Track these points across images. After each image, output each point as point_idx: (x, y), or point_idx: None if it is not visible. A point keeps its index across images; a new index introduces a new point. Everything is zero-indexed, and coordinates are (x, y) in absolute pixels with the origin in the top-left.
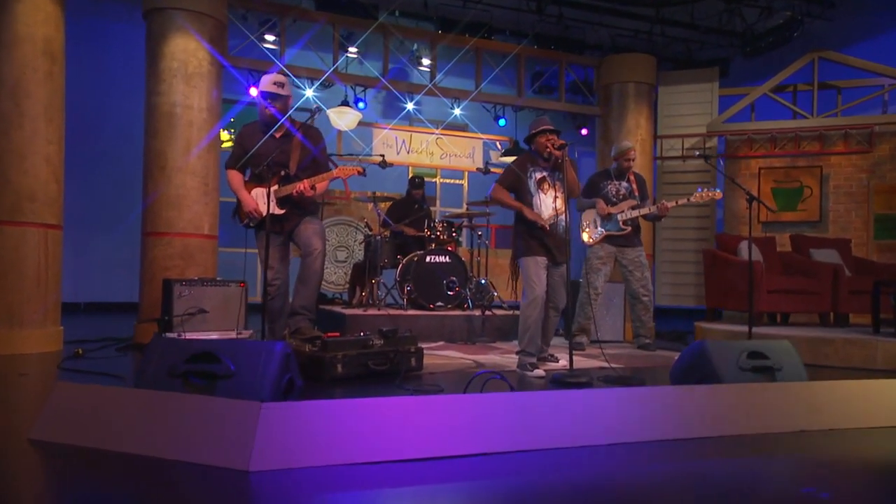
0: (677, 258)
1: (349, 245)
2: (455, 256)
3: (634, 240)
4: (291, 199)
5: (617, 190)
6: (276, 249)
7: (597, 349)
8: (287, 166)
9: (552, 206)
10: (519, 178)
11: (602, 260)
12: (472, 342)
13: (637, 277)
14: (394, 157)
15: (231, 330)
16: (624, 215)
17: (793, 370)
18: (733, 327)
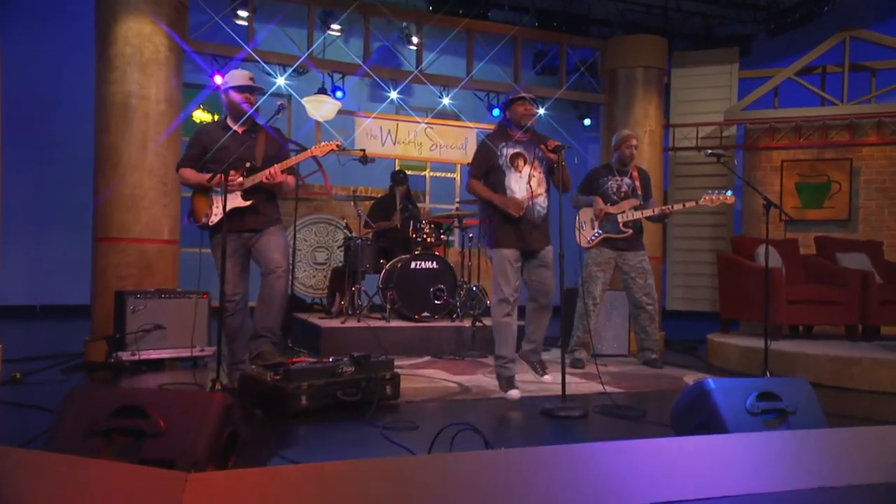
0: (690, 259)
1: (329, 245)
2: (443, 261)
3: (636, 243)
4: (258, 192)
5: (618, 186)
6: (236, 261)
7: (600, 365)
8: (253, 159)
9: (526, 188)
10: (488, 156)
11: (600, 266)
12: (460, 357)
13: (639, 285)
14: (378, 150)
15: (193, 347)
16: (624, 216)
17: (809, 413)
18: (748, 341)
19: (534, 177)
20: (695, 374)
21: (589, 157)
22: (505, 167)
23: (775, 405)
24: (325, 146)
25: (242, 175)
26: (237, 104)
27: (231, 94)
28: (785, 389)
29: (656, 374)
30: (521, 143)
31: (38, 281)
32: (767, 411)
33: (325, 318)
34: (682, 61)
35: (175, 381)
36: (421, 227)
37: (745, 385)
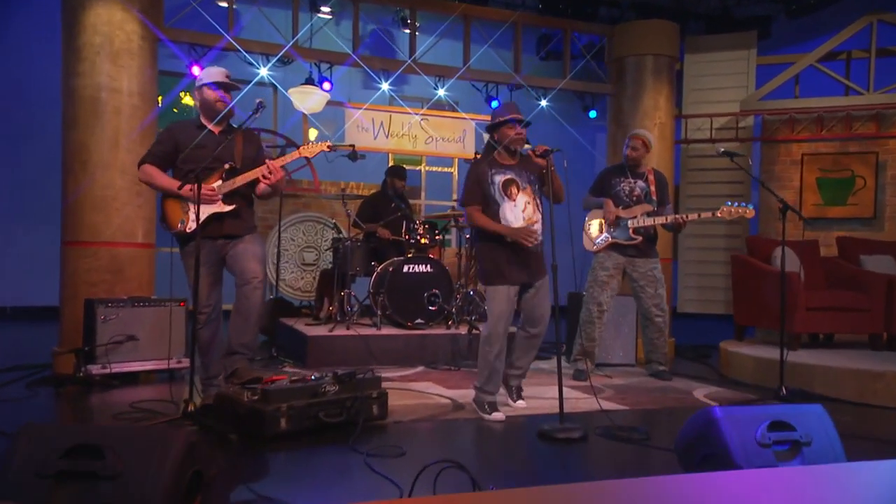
0: (704, 258)
1: (318, 245)
2: (438, 265)
3: (648, 250)
4: (238, 196)
5: (631, 189)
6: (209, 270)
7: (604, 377)
8: (232, 160)
9: (522, 216)
10: (481, 183)
11: (609, 272)
12: (455, 367)
13: (649, 294)
14: (370, 143)
15: (169, 359)
16: (635, 222)
17: (826, 444)
18: (763, 351)
19: (529, 204)
20: (706, 387)
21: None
22: (498, 196)
23: (788, 436)
24: (314, 147)
25: (222, 177)
26: (212, 103)
27: (205, 92)
28: (799, 418)
29: (664, 387)
30: (513, 168)
31: (7, 281)
32: (780, 442)
33: (312, 324)
34: (695, 46)
35: (148, 399)
36: (414, 228)
37: (754, 414)
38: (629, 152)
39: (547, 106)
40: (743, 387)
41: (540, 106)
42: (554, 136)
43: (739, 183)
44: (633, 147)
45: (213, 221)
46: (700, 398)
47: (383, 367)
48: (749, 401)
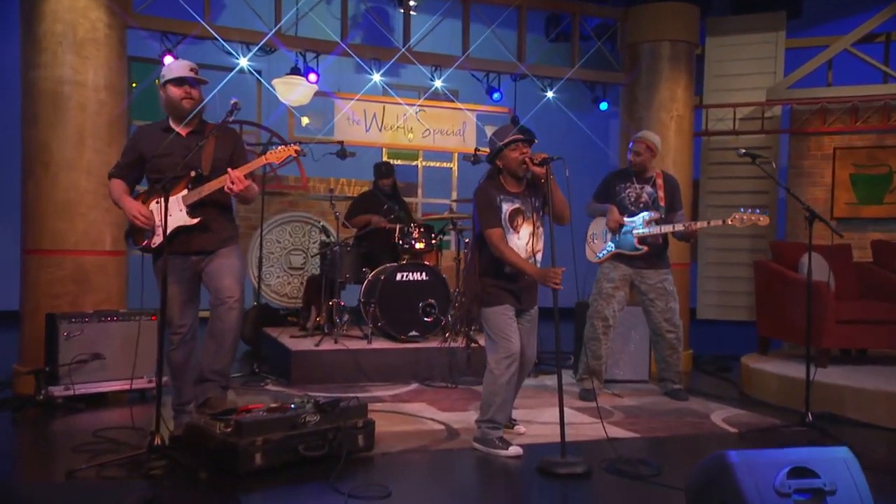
0: (726, 260)
1: (306, 248)
2: (434, 272)
3: (658, 261)
4: (208, 206)
5: (637, 196)
6: (182, 287)
7: (613, 396)
8: (199, 167)
9: (525, 248)
10: (494, 205)
11: (615, 284)
12: (453, 384)
13: (660, 308)
14: (361, 137)
15: (135, 378)
16: (641, 231)
17: (853, 493)
18: (788, 368)
19: (532, 234)
20: (725, 409)
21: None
22: (505, 228)
23: (810, 483)
24: (281, 152)
25: (187, 186)
26: (176, 102)
27: (169, 90)
28: (823, 463)
29: (679, 409)
30: (520, 197)
31: None
32: (801, 491)
33: (298, 335)
34: (718, 29)
35: (113, 426)
36: (409, 232)
37: (774, 459)
38: (632, 157)
39: (554, 97)
40: (766, 408)
41: (546, 97)
42: (561, 131)
43: (765, 178)
44: (635, 152)
45: (180, 235)
46: (718, 423)
47: (374, 384)
48: (772, 428)
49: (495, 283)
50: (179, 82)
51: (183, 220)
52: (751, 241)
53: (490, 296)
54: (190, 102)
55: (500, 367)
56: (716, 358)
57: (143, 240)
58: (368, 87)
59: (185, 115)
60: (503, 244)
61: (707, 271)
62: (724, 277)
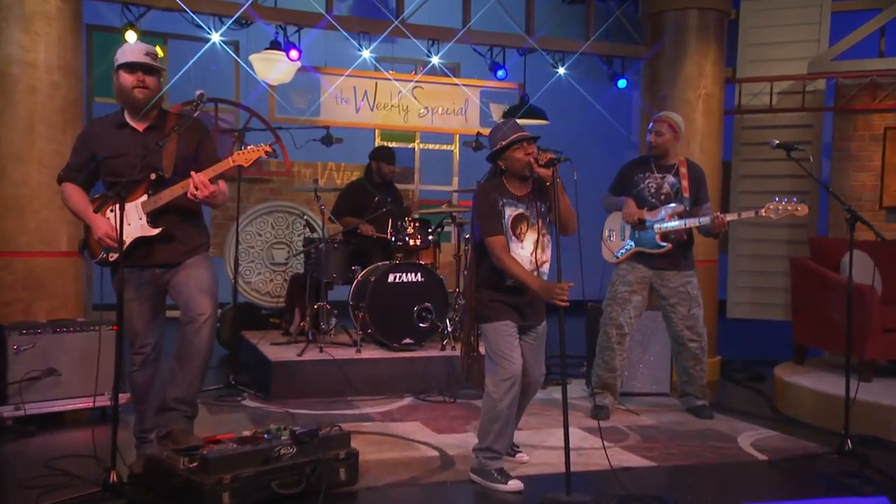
0: (760, 252)
1: (291, 240)
2: (430, 273)
3: (681, 260)
4: (171, 214)
5: (657, 186)
6: (144, 304)
7: (628, 412)
8: (159, 168)
9: (529, 259)
10: (496, 210)
11: (631, 287)
12: (451, 398)
13: (681, 315)
14: (351, 118)
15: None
16: (663, 226)
17: None
18: (827, 383)
19: (537, 243)
20: (754, 429)
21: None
22: (507, 236)
23: None
24: (249, 153)
25: (146, 191)
26: (128, 92)
27: (121, 77)
28: None
29: (702, 430)
30: (524, 200)
31: None
32: None
33: (279, 342)
34: None
35: (69, 454)
36: (403, 227)
37: None
38: (652, 138)
39: (566, 74)
40: (801, 429)
41: (557, 74)
42: (574, 111)
43: (799, 194)
44: (656, 132)
45: (140, 247)
46: (746, 447)
47: (363, 398)
48: (806, 455)
49: (495, 297)
50: (131, 68)
51: (143, 231)
52: (789, 231)
53: (488, 310)
54: (143, 93)
55: (499, 391)
56: (747, 365)
57: (100, 253)
58: (359, 63)
59: (139, 107)
60: (506, 254)
61: (739, 265)
62: (758, 272)
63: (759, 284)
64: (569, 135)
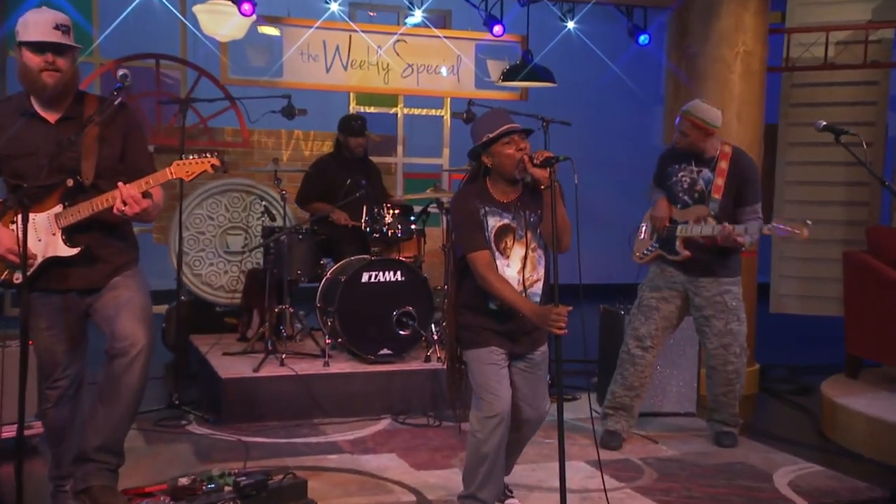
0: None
1: (249, 225)
2: (412, 271)
3: (717, 266)
4: (94, 229)
5: (692, 182)
6: (60, 332)
7: (646, 439)
8: (77, 172)
9: (517, 278)
10: (477, 221)
11: (660, 294)
12: (436, 419)
13: (717, 330)
14: (320, 78)
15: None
16: (685, 230)
17: None
18: (884, 406)
19: (527, 260)
20: (794, 463)
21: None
22: (489, 248)
23: None
24: (192, 165)
25: (61, 200)
26: (35, 75)
27: (24, 56)
28: None
29: (731, 463)
30: (510, 208)
31: None
32: None
33: (234, 352)
34: None
35: None
36: (380, 215)
37: None
38: (677, 139)
39: (575, 28)
40: (851, 461)
41: (566, 28)
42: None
43: (867, 124)
44: (681, 132)
45: (53, 268)
46: (782, 488)
47: (331, 421)
48: (855, 501)
49: (479, 322)
50: (38, 49)
51: (58, 250)
52: (845, 210)
53: (471, 334)
54: (54, 77)
55: (483, 430)
56: (792, 373)
57: (3, 271)
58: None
59: (49, 94)
60: (491, 273)
61: (785, 249)
62: (809, 259)
63: (810, 273)
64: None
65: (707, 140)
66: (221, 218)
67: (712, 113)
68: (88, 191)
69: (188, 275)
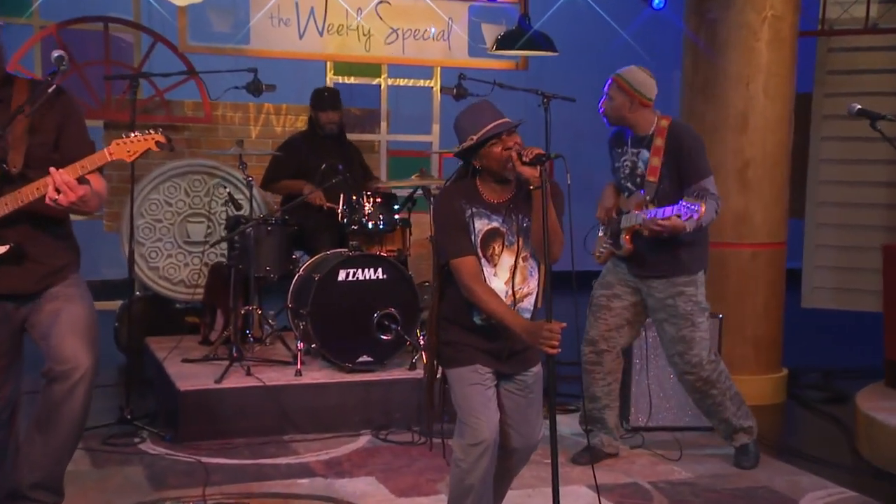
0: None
1: (213, 211)
2: (395, 268)
3: (667, 265)
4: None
5: (632, 166)
6: None
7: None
8: (3, 160)
9: (505, 290)
10: (461, 223)
11: (611, 290)
12: (422, 435)
13: (669, 336)
14: (294, 46)
15: None
16: (627, 221)
17: None
18: None
19: (519, 269)
20: (823, 488)
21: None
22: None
23: None
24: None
25: None
26: None
27: None
28: None
29: (752, 487)
30: (500, 210)
31: None
32: None
33: (193, 359)
34: None
35: None
36: (359, 206)
37: None
38: (602, 103)
39: None
40: (888, 485)
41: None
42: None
43: None
44: (607, 94)
45: None
46: None
47: (303, 438)
48: None
49: (461, 336)
50: None
51: None
52: (888, 192)
53: (452, 350)
54: None
55: (467, 458)
56: (826, 378)
57: None
58: None
59: None
60: (477, 282)
61: (819, 237)
62: (846, 247)
63: (847, 264)
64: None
65: (637, 112)
66: (181, 203)
67: (648, 83)
68: (16, 181)
69: (143, 268)
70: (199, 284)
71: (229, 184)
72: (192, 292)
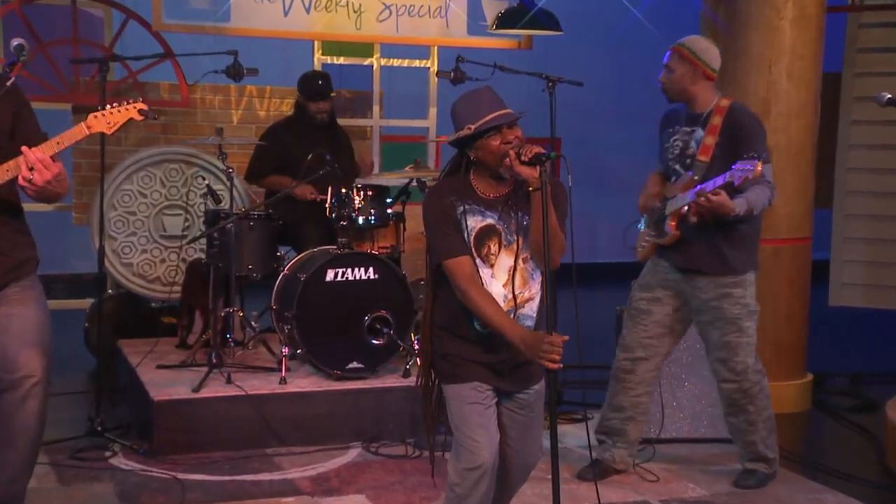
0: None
1: (191, 203)
2: (387, 267)
3: (711, 259)
4: None
5: (684, 145)
6: None
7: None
8: None
9: (503, 294)
10: (453, 221)
11: (651, 293)
12: (416, 448)
13: (713, 341)
14: (278, 24)
15: None
16: (673, 205)
17: None
18: None
19: (518, 271)
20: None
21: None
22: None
23: None
24: (114, 115)
25: None
26: None
27: None
28: None
29: None
30: (496, 206)
31: None
32: None
33: (170, 364)
34: None
35: None
36: (349, 199)
37: None
38: (662, 77)
39: None
40: None
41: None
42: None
43: None
44: (667, 66)
45: None
46: None
47: (288, 451)
48: None
49: (458, 348)
50: None
51: None
52: None
53: (449, 365)
54: None
55: (464, 483)
56: (852, 384)
57: None
58: None
59: None
60: (472, 285)
61: (849, 229)
62: (878, 240)
63: (880, 257)
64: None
65: (699, 84)
66: (156, 195)
67: (712, 51)
68: None
69: (116, 265)
70: (176, 282)
71: (209, 174)
72: (169, 291)
